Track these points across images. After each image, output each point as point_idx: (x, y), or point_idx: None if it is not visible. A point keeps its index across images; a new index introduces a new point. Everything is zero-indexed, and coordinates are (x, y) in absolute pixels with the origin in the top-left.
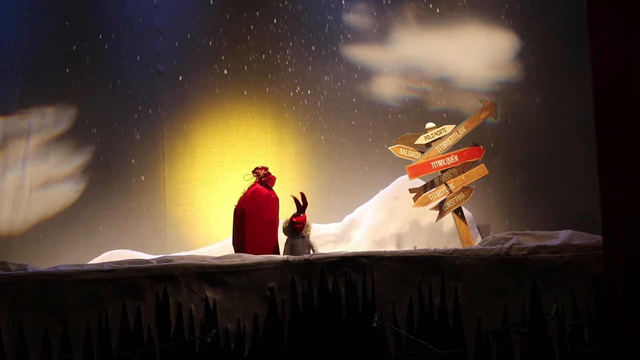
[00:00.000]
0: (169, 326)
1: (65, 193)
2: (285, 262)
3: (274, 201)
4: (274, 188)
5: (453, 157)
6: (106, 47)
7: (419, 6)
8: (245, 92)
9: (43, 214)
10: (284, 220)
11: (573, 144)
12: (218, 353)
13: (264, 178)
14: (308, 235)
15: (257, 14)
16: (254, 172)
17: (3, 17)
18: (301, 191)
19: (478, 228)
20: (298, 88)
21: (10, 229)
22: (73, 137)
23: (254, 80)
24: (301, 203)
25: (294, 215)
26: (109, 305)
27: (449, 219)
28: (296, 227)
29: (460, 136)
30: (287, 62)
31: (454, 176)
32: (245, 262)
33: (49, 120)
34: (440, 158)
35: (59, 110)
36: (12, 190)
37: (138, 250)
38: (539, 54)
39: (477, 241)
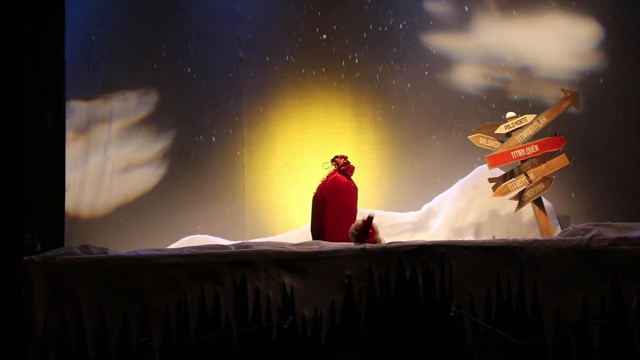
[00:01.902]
0: (247, 312)
1: (145, 178)
2: (363, 250)
3: (353, 190)
4: (352, 177)
5: (533, 147)
6: (187, 32)
7: None
8: (324, 80)
9: (124, 198)
10: (352, 230)
11: None
12: (294, 339)
13: (343, 167)
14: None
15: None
16: (333, 160)
17: (88, 2)
18: (370, 215)
19: (558, 219)
20: (378, 76)
21: (92, 213)
22: (154, 122)
23: (333, 68)
24: (367, 227)
25: (361, 234)
26: (187, 290)
27: (529, 209)
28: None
29: (541, 126)
30: (367, 49)
31: (534, 166)
32: (323, 249)
33: (131, 105)
34: (521, 148)
35: (141, 95)
36: (95, 174)
37: (217, 236)
38: (623, 43)
39: (556, 232)
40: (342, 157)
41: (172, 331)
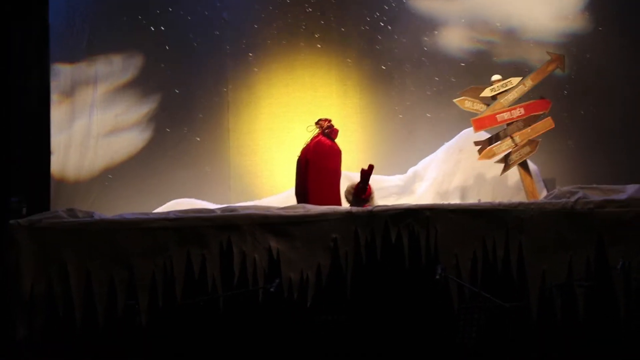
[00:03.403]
0: (233, 275)
1: (130, 141)
2: (349, 214)
3: (337, 153)
4: (337, 140)
5: (519, 110)
6: None
7: None
8: (310, 43)
9: (109, 162)
10: (347, 190)
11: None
12: (281, 303)
13: (327, 130)
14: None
15: None
16: (317, 123)
17: None
18: (371, 164)
19: (544, 181)
20: (364, 40)
21: (77, 176)
22: (139, 85)
23: (319, 32)
24: (367, 177)
25: (359, 190)
26: (174, 253)
27: (514, 172)
28: (360, 198)
29: (526, 89)
30: (353, 13)
31: (519, 129)
32: (309, 212)
33: (115, 68)
34: (506, 111)
35: (126, 59)
36: (80, 138)
37: (203, 200)
38: (609, 5)
39: (542, 195)
40: (326, 120)
41: (158, 294)
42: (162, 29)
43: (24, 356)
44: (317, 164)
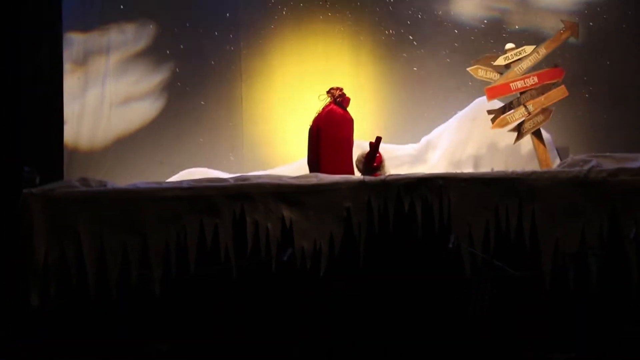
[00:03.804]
0: (246, 245)
1: (143, 110)
2: (361, 183)
3: (349, 121)
4: (348, 109)
5: (532, 79)
6: None
7: None
8: (323, 12)
9: (123, 131)
10: (358, 159)
11: None
12: (294, 272)
13: (339, 98)
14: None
15: None
16: (328, 92)
17: None
18: (379, 136)
19: (557, 150)
20: (377, 9)
21: (90, 146)
22: (152, 54)
23: (333, 1)
24: (375, 149)
25: (369, 158)
26: (187, 222)
27: (528, 141)
28: (371, 167)
29: (540, 57)
30: None
31: (533, 98)
32: (321, 182)
33: (128, 37)
34: (520, 79)
35: (139, 27)
36: (92, 107)
37: (215, 169)
38: None
39: (555, 163)
40: (337, 88)
41: (171, 264)
42: None
43: (37, 325)
44: (329, 132)
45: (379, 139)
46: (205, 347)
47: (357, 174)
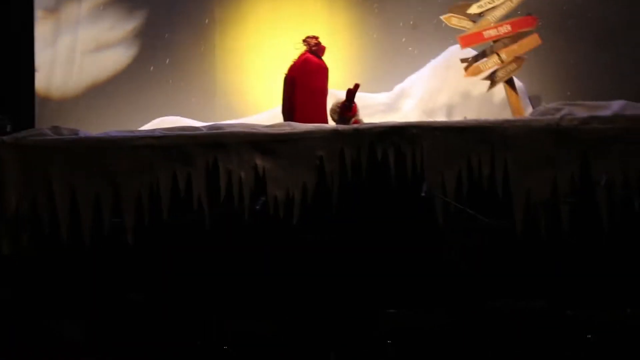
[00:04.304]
0: (219, 193)
1: (116, 58)
2: (334, 132)
3: (324, 70)
4: (324, 58)
5: (506, 27)
6: None
7: None
8: None
9: (95, 79)
10: (332, 109)
11: (632, 15)
12: (267, 220)
13: (315, 47)
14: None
15: None
16: (304, 41)
17: None
18: (357, 83)
19: (529, 99)
20: None
21: (62, 94)
22: (125, 1)
23: None
24: (352, 96)
25: (344, 108)
26: (159, 171)
27: (500, 89)
28: (347, 117)
29: (514, 5)
30: None
31: (506, 46)
32: (294, 130)
33: None
34: (493, 28)
35: None
36: (65, 55)
37: (188, 118)
38: None
39: (527, 112)
40: (313, 37)
41: (144, 212)
42: None
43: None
44: (304, 82)
45: (356, 86)
46: (180, 297)
47: (331, 123)
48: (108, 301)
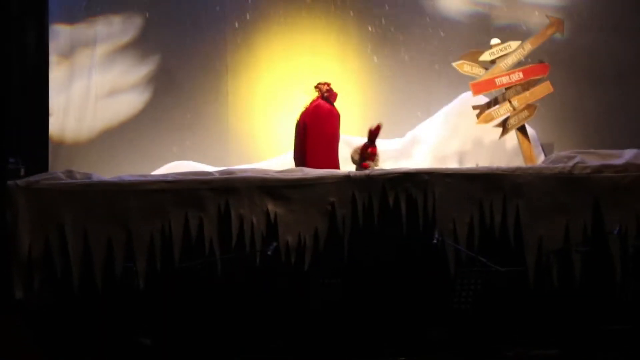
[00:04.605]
0: (230, 238)
1: (130, 103)
2: (346, 177)
3: (336, 116)
4: (335, 104)
5: (518, 74)
6: None
7: None
8: (310, 6)
9: (108, 124)
10: (354, 150)
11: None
12: (278, 266)
13: (326, 93)
14: (376, 167)
15: None
16: (316, 87)
17: None
18: (379, 123)
19: (542, 146)
20: (363, 3)
21: (76, 138)
22: (139, 46)
23: None
24: (374, 134)
25: (365, 146)
26: (172, 215)
27: (512, 136)
28: (366, 157)
29: (525, 53)
30: None
31: (518, 93)
32: (307, 176)
33: (115, 29)
34: (505, 75)
35: (126, 19)
36: (78, 99)
37: (201, 162)
38: None
39: (540, 159)
40: (325, 83)
41: (156, 257)
42: None
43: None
44: (316, 127)
45: (379, 127)
46: (189, 342)
47: (346, 168)
48: (118, 345)
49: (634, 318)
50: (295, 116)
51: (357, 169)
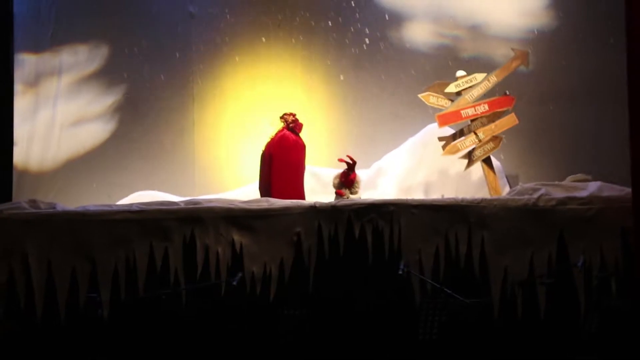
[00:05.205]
0: (196, 268)
1: (95, 133)
2: (312, 208)
3: (301, 147)
4: (301, 134)
5: (483, 106)
6: None
7: None
8: (276, 36)
9: (73, 153)
10: (335, 176)
11: (605, 94)
12: (244, 296)
13: (292, 124)
14: (356, 193)
15: None
16: (282, 117)
17: None
18: (348, 155)
19: (507, 178)
20: (329, 33)
21: (40, 167)
22: (104, 76)
23: (285, 26)
24: (351, 162)
25: (345, 173)
26: (136, 245)
27: (478, 168)
28: (346, 183)
29: (491, 85)
30: (319, 6)
31: (483, 125)
32: (272, 206)
33: (81, 59)
34: (470, 107)
35: (91, 49)
36: (43, 129)
37: (166, 192)
38: (573, 1)
39: (505, 191)
40: (290, 114)
41: (120, 287)
42: (128, 19)
43: None
44: (281, 158)
45: (353, 162)
46: None
47: (310, 199)
48: None
49: (598, 350)
50: (261, 146)
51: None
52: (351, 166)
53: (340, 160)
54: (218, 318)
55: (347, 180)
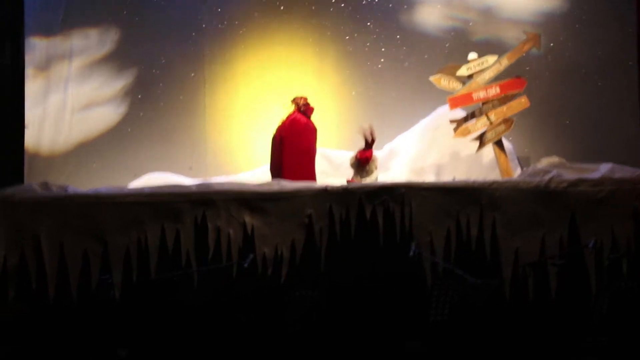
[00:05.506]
0: (207, 250)
1: (106, 116)
2: (323, 190)
3: (312, 130)
4: (312, 117)
5: (495, 89)
6: None
7: None
8: (287, 20)
9: (84, 136)
10: (352, 156)
11: (616, 76)
12: (255, 278)
13: (303, 107)
14: (372, 172)
15: None
16: (293, 101)
17: None
18: (370, 126)
19: (518, 160)
20: (340, 17)
21: (51, 151)
22: (115, 60)
23: (297, 9)
24: (370, 139)
25: (361, 150)
26: (148, 228)
27: (489, 150)
28: (361, 160)
29: (502, 68)
30: None
31: (495, 108)
32: (284, 189)
33: (92, 43)
34: (482, 89)
35: (102, 33)
36: (54, 112)
37: (178, 175)
38: None
39: (516, 173)
40: (301, 97)
41: (132, 269)
42: (139, 3)
43: None
44: (292, 141)
45: (371, 129)
46: (165, 353)
47: (320, 182)
48: (94, 357)
49: (609, 331)
50: (272, 129)
51: (354, 173)
52: (369, 144)
53: (361, 133)
54: (229, 300)
55: (363, 157)
